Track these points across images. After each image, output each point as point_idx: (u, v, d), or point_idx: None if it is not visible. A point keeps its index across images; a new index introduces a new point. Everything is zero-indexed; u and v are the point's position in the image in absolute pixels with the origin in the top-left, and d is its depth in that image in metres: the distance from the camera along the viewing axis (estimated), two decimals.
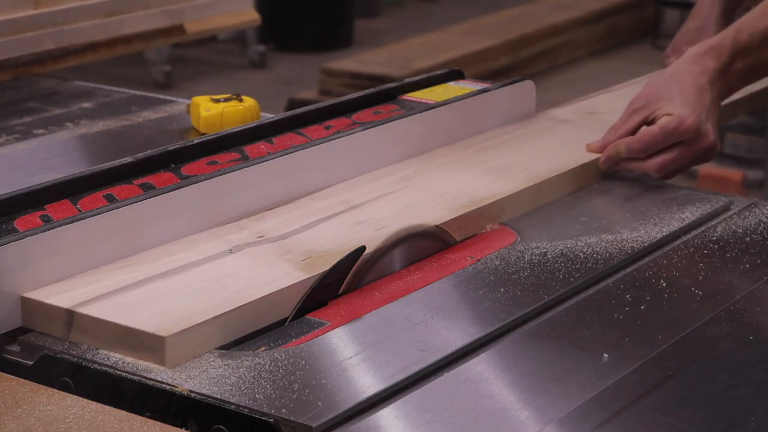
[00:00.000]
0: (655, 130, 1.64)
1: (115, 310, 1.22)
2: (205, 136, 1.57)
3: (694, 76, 1.66)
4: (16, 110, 2.04)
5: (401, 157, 1.67)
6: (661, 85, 1.68)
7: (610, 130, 1.71)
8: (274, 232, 1.42)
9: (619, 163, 1.68)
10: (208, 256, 1.36)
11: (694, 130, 1.62)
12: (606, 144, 1.70)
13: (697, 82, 1.65)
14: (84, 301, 1.23)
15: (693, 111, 1.63)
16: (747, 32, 1.67)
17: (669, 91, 1.66)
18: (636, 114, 1.68)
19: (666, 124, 1.63)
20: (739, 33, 1.68)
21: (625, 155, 1.67)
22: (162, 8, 2.29)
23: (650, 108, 1.66)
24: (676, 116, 1.62)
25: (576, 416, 1.10)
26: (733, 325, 1.28)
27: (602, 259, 1.42)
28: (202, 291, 1.27)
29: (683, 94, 1.64)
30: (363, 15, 7.77)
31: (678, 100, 1.64)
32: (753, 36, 1.67)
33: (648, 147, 1.65)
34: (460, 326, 1.26)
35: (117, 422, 1.09)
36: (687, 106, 1.63)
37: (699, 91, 1.64)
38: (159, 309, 1.22)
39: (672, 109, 1.63)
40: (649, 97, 1.67)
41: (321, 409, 1.08)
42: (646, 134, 1.65)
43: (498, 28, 6.64)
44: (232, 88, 2.19)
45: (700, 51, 1.68)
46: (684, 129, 1.62)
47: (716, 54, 1.67)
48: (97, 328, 1.20)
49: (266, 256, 1.36)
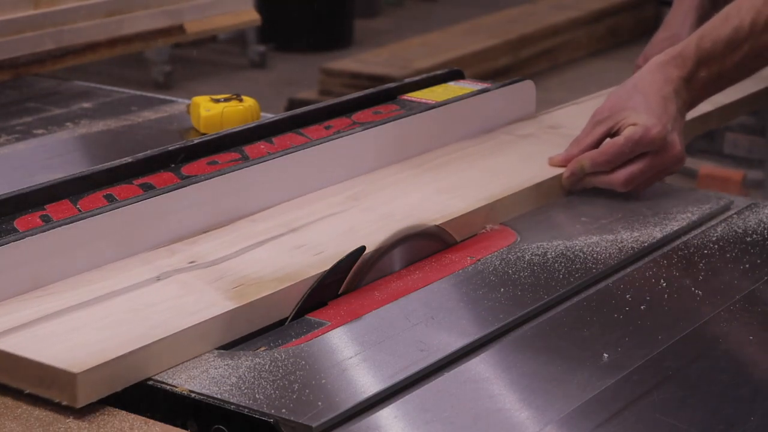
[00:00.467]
0: (620, 141, 1.57)
1: (27, 343, 1.14)
2: (205, 136, 1.57)
3: (658, 86, 1.60)
4: (16, 110, 2.04)
5: (401, 158, 1.67)
6: (624, 95, 1.62)
7: (573, 143, 1.65)
8: (208, 256, 1.35)
9: (583, 179, 1.62)
10: (134, 284, 1.28)
11: (660, 140, 1.56)
12: (569, 158, 1.63)
13: (662, 92, 1.60)
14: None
15: (659, 120, 1.57)
16: (710, 39, 1.62)
17: (633, 101, 1.60)
18: (599, 126, 1.62)
19: (631, 134, 1.57)
20: (701, 40, 1.62)
21: (589, 170, 1.61)
22: (162, 8, 2.29)
23: (614, 119, 1.60)
24: (641, 126, 1.56)
25: (576, 416, 1.10)
26: (733, 325, 1.28)
27: (602, 259, 1.42)
28: (123, 322, 1.20)
29: (648, 103, 1.59)
30: (363, 15, 7.77)
31: (643, 110, 1.58)
32: (716, 44, 1.61)
33: (613, 159, 1.58)
34: (460, 326, 1.26)
35: (117, 422, 1.09)
36: (652, 115, 1.57)
37: (664, 101, 1.59)
38: (73, 342, 1.15)
39: (637, 119, 1.57)
40: (613, 107, 1.61)
41: (321, 409, 1.08)
42: (610, 146, 1.59)
43: (498, 28, 6.64)
44: (232, 88, 2.19)
45: (663, 60, 1.63)
46: (650, 139, 1.56)
47: (680, 62, 1.61)
48: (7, 363, 1.13)
49: (195, 283, 1.29)
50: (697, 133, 2.17)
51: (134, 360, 1.14)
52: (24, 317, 1.20)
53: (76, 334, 1.17)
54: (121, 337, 1.16)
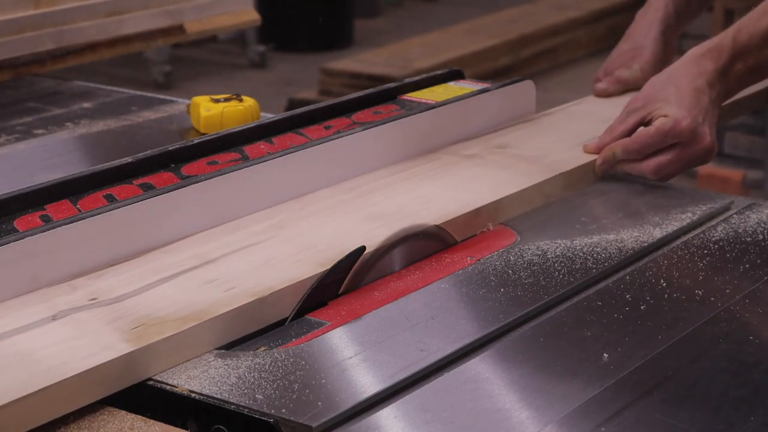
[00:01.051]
0: (651, 131, 1.63)
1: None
2: (205, 136, 1.57)
3: (691, 78, 1.65)
4: (16, 110, 2.04)
5: (401, 158, 1.67)
6: (658, 86, 1.67)
7: (607, 131, 1.70)
8: (110, 292, 1.27)
9: (615, 165, 1.67)
10: (26, 325, 1.20)
11: (689, 132, 1.61)
12: (602, 145, 1.69)
13: (695, 84, 1.64)
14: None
15: (689, 113, 1.62)
16: (747, 33, 1.66)
17: (666, 93, 1.64)
18: (633, 115, 1.67)
19: (662, 125, 1.62)
20: (738, 33, 1.66)
21: (621, 157, 1.66)
22: (162, 8, 2.29)
23: (647, 109, 1.65)
24: (671, 118, 1.62)
25: (576, 416, 1.10)
26: (733, 325, 1.28)
27: (602, 259, 1.42)
28: (8, 367, 1.11)
29: (680, 95, 1.63)
30: (363, 15, 7.77)
31: (674, 102, 1.63)
32: (753, 36, 1.66)
33: (644, 148, 1.64)
34: (460, 326, 1.26)
35: (117, 422, 1.09)
36: (683, 107, 1.62)
37: (696, 93, 1.63)
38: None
39: (668, 110, 1.63)
40: (647, 98, 1.66)
41: (321, 409, 1.08)
42: (642, 135, 1.64)
43: (498, 28, 6.64)
44: (232, 88, 2.19)
45: (698, 52, 1.67)
46: (679, 130, 1.61)
47: (715, 55, 1.66)
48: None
49: (93, 323, 1.20)
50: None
51: (20, 408, 1.06)
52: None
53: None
54: (6, 382, 1.08)
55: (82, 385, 1.11)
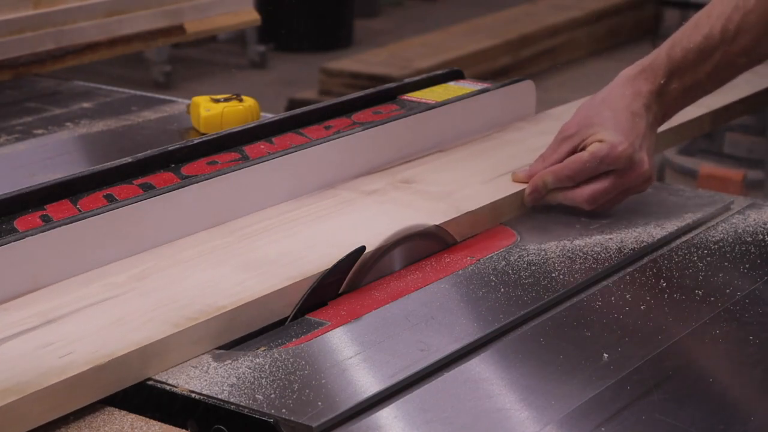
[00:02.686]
0: (585, 157, 1.51)
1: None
2: (205, 136, 1.57)
3: (628, 101, 1.53)
4: (16, 110, 2.04)
5: (400, 158, 1.67)
6: (592, 111, 1.55)
7: (538, 160, 1.58)
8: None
9: (546, 195, 1.56)
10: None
11: (626, 159, 1.50)
12: (533, 173, 1.57)
13: (631, 108, 1.53)
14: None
15: (626, 138, 1.50)
16: (680, 49, 1.54)
17: (601, 117, 1.53)
18: (566, 142, 1.55)
19: (597, 150, 1.50)
20: (672, 50, 1.54)
21: (552, 185, 1.55)
22: (162, 8, 2.29)
23: (581, 135, 1.53)
24: (607, 143, 1.50)
25: (576, 416, 1.10)
26: (733, 325, 1.28)
27: (602, 259, 1.42)
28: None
29: (616, 119, 1.52)
30: (363, 15, 7.77)
31: (610, 126, 1.51)
32: (688, 52, 1.53)
33: (577, 174, 1.52)
34: (460, 326, 1.26)
35: (117, 422, 1.09)
36: (620, 132, 1.51)
37: (633, 117, 1.52)
38: None
39: (604, 135, 1.51)
40: (580, 123, 1.55)
41: (321, 409, 1.08)
42: (575, 161, 1.53)
43: (498, 28, 6.64)
44: (232, 88, 2.19)
45: (632, 73, 1.55)
46: (615, 156, 1.50)
47: (650, 75, 1.54)
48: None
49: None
50: (694, 135, 2.15)
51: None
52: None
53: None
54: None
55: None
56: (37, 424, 1.08)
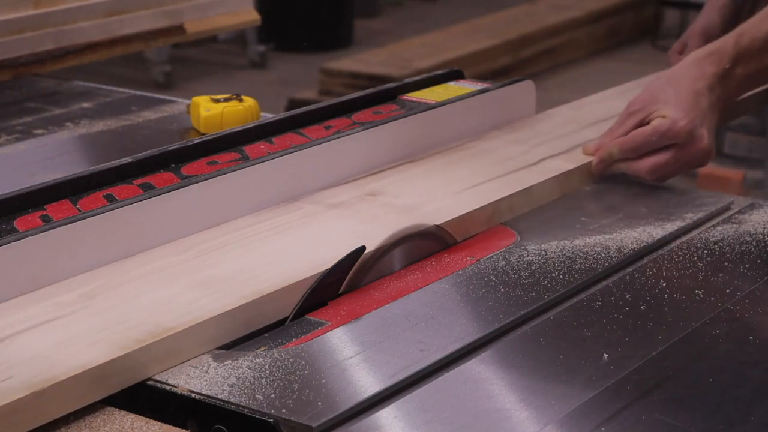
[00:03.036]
0: (647, 131, 1.63)
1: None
2: (205, 136, 1.57)
3: (691, 80, 1.64)
4: (16, 110, 2.04)
5: (401, 158, 1.67)
6: (657, 88, 1.66)
7: (606, 133, 1.69)
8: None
9: (611, 165, 1.67)
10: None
11: (686, 134, 1.61)
12: (601, 146, 1.68)
13: (695, 87, 1.64)
14: None
15: (687, 114, 1.61)
16: (749, 37, 1.65)
17: (665, 94, 1.64)
18: (632, 117, 1.67)
19: (659, 125, 1.62)
20: (740, 37, 1.66)
21: (617, 156, 1.66)
22: (162, 8, 2.29)
23: (646, 111, 1.65)
24: (669, 118, 1.62)
25: (576, 416, 1.10)
26: (733, 325, 1.28)
27: (602, 259, 1.42)
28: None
29: (679, 97, 1.63)
30: (363, 15, 7.77)
31: (673, 103, 1.63)
32: (755, 41, 1.65)
33: (639, 147, 1.64)
34: (460, 326, 1.26)
35: (117, 422, 1.09)
36: (681, 109, 1.62)
37: (695, 96, 1.63)
38: None
39: (666, 111, 1.62)
40: (646, 100, 1.66)
41: (321, 409, 1.08)
42: (638, 134, 1.64)
43: (498, 28, 6.65)
44: (232, 88, 2.19)
45: (700, 55, 1.67)
46: (676, 131, 1.61)
47: (716, 59, 1.65)
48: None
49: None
50: None
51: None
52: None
53: None
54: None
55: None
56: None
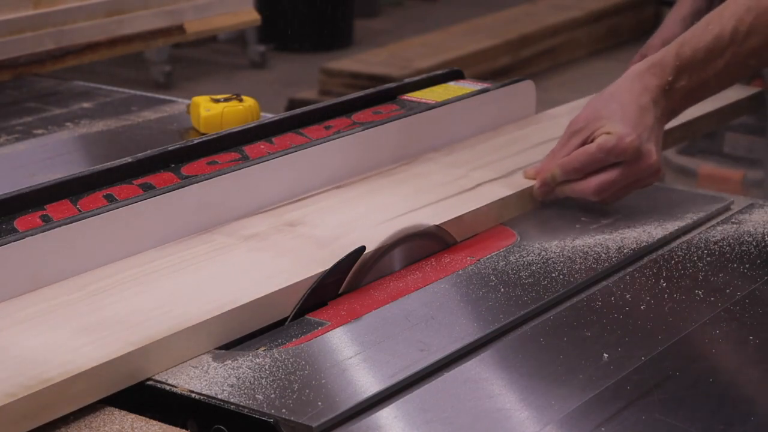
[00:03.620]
0: (592, 149, 1.53)
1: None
2: (205, 136, 1.57)
3: (636, 95, 1.55)
4: (16, 110, 2.04)
5: (400, 158, 1.67)
6: (600, 104, 1.56)
7: (549, 155, 1.59)
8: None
9: (554, 188, 1.57)
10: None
11: (633, 150, 1.51)
12: (543, 169, 1.58)
13: (639, 101, 1.54)
14: None
15: (634, 130, 1.51)
16: (690, 47, 1.55)
17: (609, 110, 1.54)
18: (575, 136, 1.56)
19: (604, 142, 1.52)
20: (681, 48, 1.55)
21: (561, 178, 1.56)
22: (162, 8, 2.29)
23: (590, 128, 1.55)
24: (615, 134, 1.51)
25: (576, 416, 1.10)
26: (733, 325, 1.28)
27: (602, 259, 1.42)
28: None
29: (624, 112, 1.53)
30: (363, 15, 7.77)
31: (618, 119, 1.53)
32: (697, 51, 1.55)
33: (584, 166, 1.53)
34: (460, 326, 1.26)
35: (117, 422, 1.09)
36: (628, 125, 1.52)
37: (641, 110, 1.53)
38: None
39: (611, 127, 1.52)
40: (588, 117, 1.56)
41: (321, 409, 1.08)
42: (582, 153, 1.54)
43: (498, 28, 6.64)
44: (232, 88, 2.19)
45: (641, 68, 1.56)
46: (623, 148, 1.51)
47: (658, 71, 1.55)
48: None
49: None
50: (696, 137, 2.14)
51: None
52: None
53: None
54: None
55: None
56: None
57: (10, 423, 1.06)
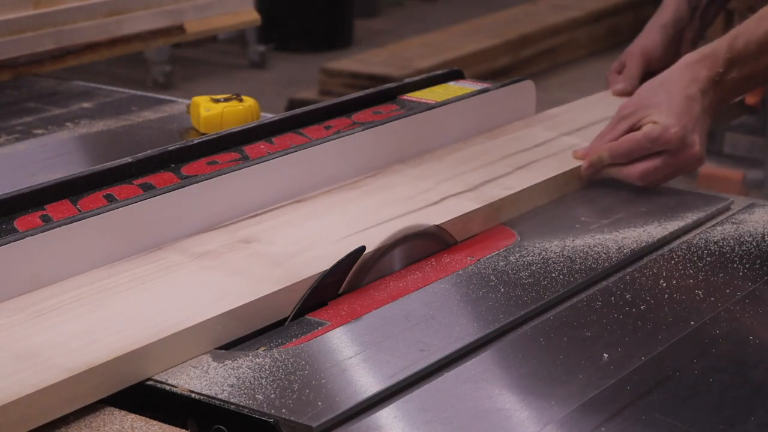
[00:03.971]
0: (638, 136, 1.60)
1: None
2: (205, 136, 1.57)
3: (684, 85, 1.61)
4: (16, 110, 2.04)
5: (400, 158, 1.67)
6: (650, 92, 1.63)
7: (597, 137, 1.66)
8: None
9: (601, 170, 1.65)
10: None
11: (677, 140, 1.58)
12: (592, 150, 1.66)
13: (687, 91, 1.60)
14: None
15: (678, 120, 1.58)
16: (743, 40, 1.62)
17: (657, 99, 1.61)
18: (623, 121, 1.64)
19: (650, 131, 1.59)
20: (734, 40, 1.62)
21: (607, 161, 1.63)
22: (162, 8, 2.29)
23: (638, 115, 1.62)
24: (660, 124, 1.58)
25: (576, 416, 1.10)
26: (733, 325, 1.28)
27: (602, 259, 1.42)
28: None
29: (671, 102, 1.60)
30: (363, 15, 7.77)
31: (665, 109, 1.59)
32: (749, 44, 1.62)
33: (630, 152, 1.61)
34: (460, 326, 1.26)
35: (117, 422, 1.09)
36: (673, 115, 1.59)
37: (688, 101, 1.60)
38: None
39: (658, 117, 1.59)
40: (638, 104, 1.63)
41: (321, 409, 1.08)
42: (629, 140, 1.61)
43: (498, 28, 6.64)
44: (232, 88, 2.19)
45: (693, 59, 1.63)
46: (667, 138, 1.58)
47: (710, 62, 1.62)
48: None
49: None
50: None
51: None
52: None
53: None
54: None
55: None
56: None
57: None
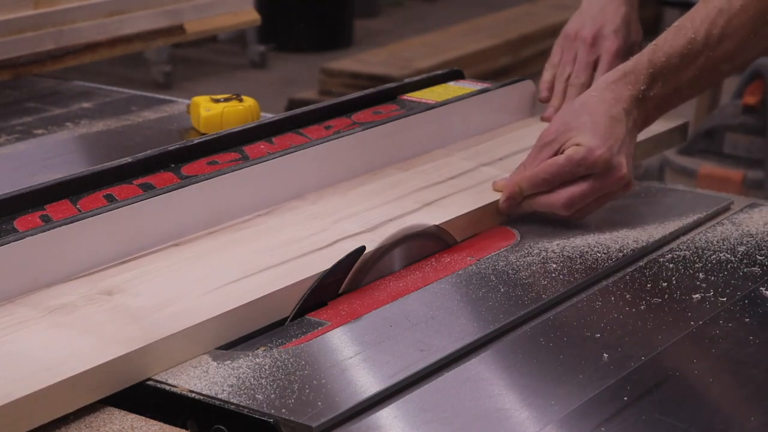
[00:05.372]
0: (560, 161, 1.47)
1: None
2: (205, 136, 1.57)
3: (607, 105, 1.49)
4: (16, 110, 2.05)
5: (400, 158, 1.67)
6: (571, 116, 1.51)
7: (518, 169, 1.54)
8: None
9: (522, 202, 1.52)
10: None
11: (603, 163, 1.46)
12: (511, 182, 1.53)
13: (611, 112, 1.49)
14: None
15: (604, 142, 1.47)
16: (663, 53, 1.51)
17: (579, 122, 1.49)
18: (545, 149, 1.51)
19: (573, 153, 1.47)
20: (654, 55, 1.51)
21: (528, 191, 1.51)
22: (162, 8, 2.29)
23: (559, 141, 1.49)
24: (584, 147, 1.46)
25: (576, 416, 1.10)
26: (733, 325, 1.28)
27: (602, 259, 1.42)
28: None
29: (594, 124, 1.48)
30: (363, 15, 7.77)
31: (589, 130, 1.48)
32: (670, 57, 1.50)
33: (553, 178, 1.48)
34: (460, 326, 1.26)
35: (117, 422, 1.09)
36: (597, 136, 1.47)
37: (612, 121, 1.48)
38: None
39: (581, 139, 1.47)
40: (558, 129, 1.50)
41: (321, 409, 1.08)
42: (551, 164, 1.48)
43: (498, 28, 6.64)
44: (232, 88, 2.19)
45: (613, 77, 1.52)
46: (593, 160, 1.46)
47: (631, 80, 1.51)
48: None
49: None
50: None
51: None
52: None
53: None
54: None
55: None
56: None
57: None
